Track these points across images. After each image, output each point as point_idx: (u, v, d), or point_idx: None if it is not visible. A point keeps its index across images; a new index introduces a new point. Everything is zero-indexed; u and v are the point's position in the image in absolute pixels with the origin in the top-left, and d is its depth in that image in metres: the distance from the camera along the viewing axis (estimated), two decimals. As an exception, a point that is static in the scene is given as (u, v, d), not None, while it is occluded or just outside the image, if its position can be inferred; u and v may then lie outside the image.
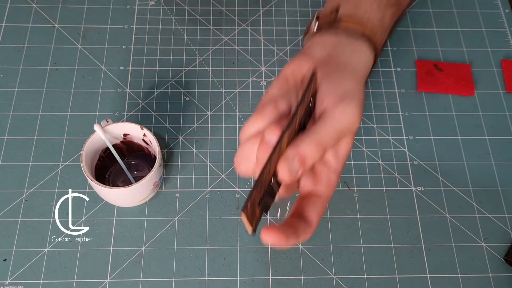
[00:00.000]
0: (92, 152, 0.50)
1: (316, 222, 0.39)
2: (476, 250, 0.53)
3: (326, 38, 0.46)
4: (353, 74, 0.42)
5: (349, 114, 0.37)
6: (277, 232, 0.34)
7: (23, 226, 0.52)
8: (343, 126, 0.37)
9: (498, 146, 0.59)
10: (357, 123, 0.38)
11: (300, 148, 0.35)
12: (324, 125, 0.37)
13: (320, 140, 0.36)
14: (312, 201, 0.39)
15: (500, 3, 0.70)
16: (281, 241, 0.34)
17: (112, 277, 0.50)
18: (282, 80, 0.42)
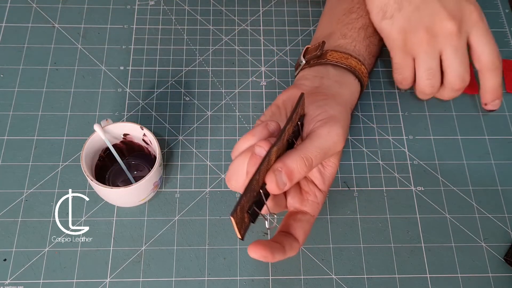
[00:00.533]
0: (92, 152, 0.50)
1: (303, 239, 0.42)
2: (476, 250, 0.53)
3: (315, 70, 0.51)
4: (339, 103, 0.46)
5: (334, 135, 0.41)
6: (264, 248, 0.36)
7: (23, 226, 0.52)
8: (328, 145, 0.40)
9: (498, 146, 0.59)
10: (341, 144, 0.42)
11: (287, 162, 0.38)
12: (311, 142, 0.40)
13: (307, 156, 0.39)
14: (299, 219, 0.42)
15: (500, 3, 0.70)
16: (267, 257, 0.37)
17: (112, 277, 0.50)
18: (274, 107, 0.47)
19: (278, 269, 0.51)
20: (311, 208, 0.43)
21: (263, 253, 0.36)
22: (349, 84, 0.50)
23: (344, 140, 0.42)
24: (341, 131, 0.42)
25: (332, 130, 0.41)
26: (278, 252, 0.38)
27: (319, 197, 0.44)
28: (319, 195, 0.44)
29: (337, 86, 0.49)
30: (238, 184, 0.40)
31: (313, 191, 0.44)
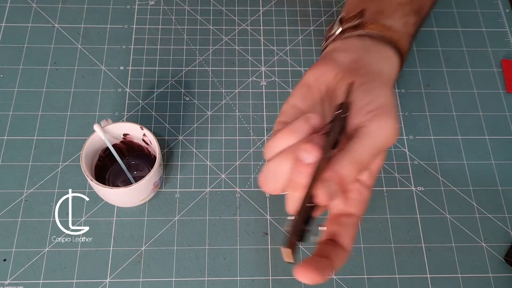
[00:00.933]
0: (92, 152, 0.50)
1: (350, 246, 0.36)
2: (476, 250, 0.53)
3: (351, 42, 0.43)
4: (385, 84, 0.39)
5: (387, 130, 0.35)
6: (314, 271, 0.32)
7: (23, 226, 0.52)
8: (381, 143, 0.35)
9: (498, 146, 0.59)
10: (395, 139, 0.36)
11: (338, 169, 0.33)
12: (361, 143, 0.34)
13: (358, 160, 0.34)
14: (344, 223, 0.37)
15: (500, 3, 0.70)
16: (318, 280, 0.32)
17: (112, 277, 0.50)
18: (304, 88, 0.39)
19: (278, 269, 0.51)
20: (356, 207, 0.38)
21: (313, 277, 0.32)
22: (389, 59, 0.42)
23: (398, 133, 0.36)
24: (395, 124, 0.35)
25: (385, 125, 0.35)
26: (327, 271, 0.34)
27: (365, 194, 0.38)
28: (365, 192, 0.38)
29: (379, 61, 0.41)
30: (277, 188, 0.35)
31: (358, 189, 0.38)
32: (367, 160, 0.34)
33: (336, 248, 0.36)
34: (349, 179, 0.33)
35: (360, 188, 0.38)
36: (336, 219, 0.37)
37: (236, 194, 0.55)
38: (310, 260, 0.33)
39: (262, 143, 0.58)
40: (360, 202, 0.38)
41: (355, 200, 0.38)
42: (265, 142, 0.58)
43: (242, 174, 0.56)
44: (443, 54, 0.65)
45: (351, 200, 0.38)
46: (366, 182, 0.38)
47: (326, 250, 0.35)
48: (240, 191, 0.55)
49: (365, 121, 0.35)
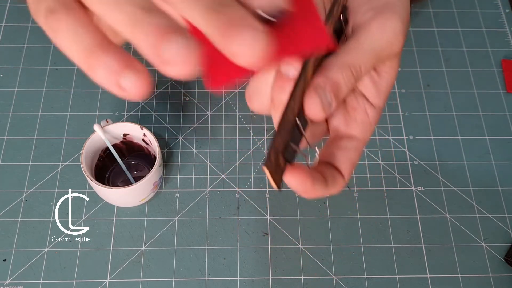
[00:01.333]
0: (92, 152, 0.50)
1: (349, 172, 0.31)
2: (476, 250, 0.53)
3: None
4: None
5: (389, 31, 0.29)
6: (305, 175, 0.27)
7: (23, 226, 0.52)
8: (381, 45, 0.29)
9: (498, 146, 0.59)
10: (400, 43, 0.30)
11: (330, 74, 0.27)
12: (357, 43, 0.29)
13: (353, 63, 0.28)
14: (344, 147, 0.31)
15: (500, 3, 0.70)
16: (306, 185, 0.27)
17: (112, 277, 0.50)
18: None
19: (278, 269, 0.51)
20: (361, 130, 0.32)
21: (303, 179, 0.27)
22: None
23: (404, 38, 0.30)
24: (399, 25, 0.30)
25: (386, 24, 0.29)
26: (319, 184, 0.29)
27: (372, 115, 0.32)
28: (372, 112, 0.32)
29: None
30: (262, 106, 0.30)
31: (363, 107, 0.32)
32: (365, 64, 0.29)
33: (332, 171, 0.30)
34: (344, 86, 0.28)
35: (366, 107, 0.32)
36: (336, 142, 0.32)
37: (236, 194, 0.55)
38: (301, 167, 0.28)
39: (262, 143, 0.58)
40: (365, 123, 0.32)
41: (359, 121, 0.32)
42: (265, 142, 0.58)
43: (242, 174, 0.56)
44: (443, 54, 0.65)
45: (355, 121, 0.32)
46: (373, 100, 0.32)
47: (320, 169, 0.30)
48: (240, 191, 0.55)
49: (364, 20, 0.30)
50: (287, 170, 0.27)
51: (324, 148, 0.32)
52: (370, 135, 0.32)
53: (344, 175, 0.31)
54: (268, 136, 0.58)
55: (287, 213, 0.54)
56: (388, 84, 0.32)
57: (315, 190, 0.28)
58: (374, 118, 0.32)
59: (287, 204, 0.54)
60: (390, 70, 0.32)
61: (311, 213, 0.54)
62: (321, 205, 0.54)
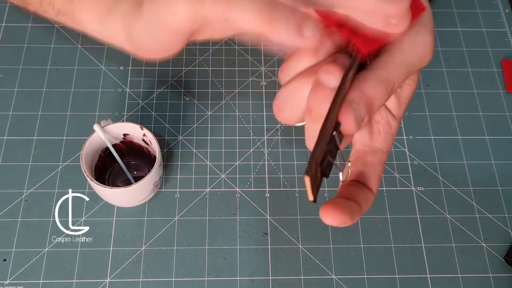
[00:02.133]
0: (92, 152, 0.50)
1: (377, 186, 0.32)
2: (476, 250, 0.53)
3: None
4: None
5: (421, 45, 0.29)
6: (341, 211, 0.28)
7: (23, 226, 0.52)
8: (413, 60, 0.29)
9: (498, 146, 0.59)
10: (430, 56, 0.30)
11: (365, 89, 0.27)
12: (391, 59, 0.29)
13: (388, 78, 0.28)
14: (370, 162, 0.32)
15: (500, 3, 0.70)
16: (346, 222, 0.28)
17: (112, 277, 0.50)
18: None
19: (278, 269, 0.51)
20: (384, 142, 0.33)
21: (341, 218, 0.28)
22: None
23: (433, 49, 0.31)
24: (429, 38, 0.30)
25: (419, 40, 0.30)
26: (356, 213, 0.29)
27: (393, 126, 0.33)
28: (393, 123, 0.33)
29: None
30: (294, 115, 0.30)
31: (386, 119, 0.33)
32: (398, 79, 0.29)
33: (362, 190, 0.31)
34: (378, 101, 0.28)
35: (388, 119, 0.33)
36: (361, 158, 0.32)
37: (236, 194, 0.55)
38: (334, 200, 0.29)
39: (262, 143, 0.58)
40: (388, 135, 0.33)
41: (382, 133, 0.33)
42: (265, 142, 0.58)
43: (242, 174, 0.56)
44: (443, 54, 0.65)
45: (379, 134, 0.33)
46: (395, 111, 0.33)
47: (351, 192, 0.30)
48: (240, 191, 0.55)
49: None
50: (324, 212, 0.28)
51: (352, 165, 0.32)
52: (391, 146, 0.33)
53: (373, 191, 0.31)
54: (268, 136, 0.58)
55: (287, 213, 0.54)
56: (409, 96, 0.33)
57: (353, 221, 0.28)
58: (395, 128, 0.33)
59: (287, 204, 0.54)
60: (411, 82, 0.32)
61: (311, 213, 0.54)
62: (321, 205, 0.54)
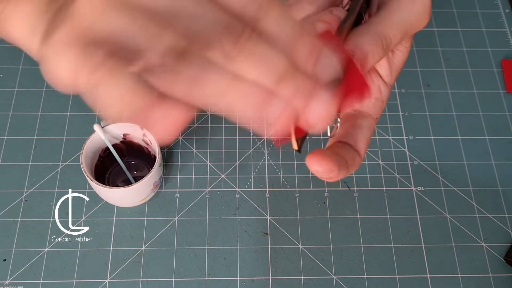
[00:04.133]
0: (92, 152, 0.50)
1: (364, 150, 0.32)
2: (476, 250, 0.53)
3: None
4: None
5: (419, 6, 0.30)
6: (330, 160, 0.27)
7: (23, 226, 0.52)
8: (411, 20, 0.29)
9: (498, 146, 0.59)
10: (427, 19, 0.30)
11: (360, 42, 0.27)
12: (388, 16, 0.29)
13: (385, 34, 0.28)
14: (359, 125, 0.32)
15: (500, 3, 0.70)
16: (333, 171, 0.28)
17: (112, 277, 0.50)
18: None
19: (278, 269, 0.51)
20: (373, 107, 0.33)
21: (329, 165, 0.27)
22: None
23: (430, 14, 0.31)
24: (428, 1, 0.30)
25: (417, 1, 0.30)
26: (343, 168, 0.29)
27: (384, 92, 0.33)
28: (384, 89, 0.33)
29: None
30: None
31: (377, 85, 0.33)
32: (394, 37, 0.29)
33: (349, 150, 0.31)
34: (372, 57, 0.28)
35: (379, 84, 0.33)
36: (350, 120, 0.32)
37: (236, 194, 0.55)
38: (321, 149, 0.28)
39: (262, 143, 0.58)
40: (378, 101, 0.33)
41: (372, 99, 0.33)
42: (265, 142, 0.58)
43: (242, 174, 0.56)
44: (443, 54, 0.65)
45: (369, 99, 0.33)
46: (386, 78, 0.33)
47: (338, 149, 0.30)
48: (240, 191, 0.55)
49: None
50: (311, 158, 0.27)
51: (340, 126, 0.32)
52: (381, 112, 0.33)
53: (360, 153, 0.31)
54: (268, 136, 0.58)
55: (287, 213, 0.54)
56: (401, 63, 0.33)
57: (339, 175, 0.28)
58: (386, 95, 0.33)
59: (287, 204, 0.54)
60: (404, 49, 0.32)
61: (311, 213, 0.54)
62: (321, 205, 0.54)
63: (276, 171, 0.56)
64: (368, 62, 0.28)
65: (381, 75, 0.33)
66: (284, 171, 0.56)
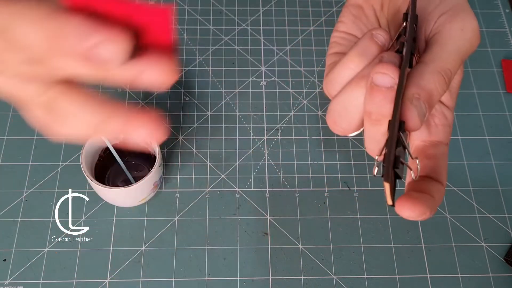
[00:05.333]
0: (91, 152, 0.50)
1: (446, 178, 0.31)
2: (476, 250, 0.53)
3: None
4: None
5: (469, 30, 0.29)
6: (420, 203, 0.27)
7: (23, 226, 0.52)
8: (465, 45, 0.29)
9: (498, 146, 0.59)
10: (479, 40, 0.30)
11: (423, 82, 0.27)
12: (442, 48, 0.28)
13: (444, 68, 0.28)
14: (433, 155, 0.31)
15: (500, 3, 0.70)
16: (425, 214, 0.27)
17: (112, 277, 0.50)
18: (354, 9, 0.33)
19: (278, 270, 0.51)
20: (442, 134, 0.32)
21: (421, 209, 0.27)
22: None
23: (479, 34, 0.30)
24: (475, 22, 0.30)
25: (466, 25, 0.29)
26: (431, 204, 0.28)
27: (449, 117, 0.32)
28: (448, 114, 0.32)
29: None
30: (352, 125, 0.29)
31: (441, 111, 0.32)
32: (453, 68, 0.28)
33: (431, 183, 0.30)
34: (437, 94, 0.27)
35: (443, 110, 0.32)
36: (424, 152, 0.32)
37: (236, 194, 0.55)
38: (407, 193, 0.28)
39: (262, 143, 0.58)
40: (445, 127, 0.32)
41: (439, 126, 0.32)
42: (265, 142, 0.58)
43: (242, 174, 0.56)
44: (443, 54, 0.65)
45: (436, 126, 0.32)
46: (448, 103, 0.33)
47: (421, 186, 0.30)
48: (240, 191, 0.55)
49: (440, 25, 0.30)
50: (402, 203, 0.27)
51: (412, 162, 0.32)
52: (450, 137, 0.33)
53: (443, 183, 0.31)
54: (268, 136, 0.58)
55: (287, 213, 0.54)
56: (458, 85, 0.33)
57: (431, 214, 0.28)
58: (451, 119, 0.33)
59: (287, 204, 0.54)
60: (459, 71, 0.32)
61: (311, 213, 0.54)
62: (321, 205, 0.54)
63: (276, 171, 0.56)
64: (434, 100, 0.27)
65: (443, 101, 0.33)
66: (284, 171, 0.56)
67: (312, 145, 0.58)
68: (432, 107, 0.28)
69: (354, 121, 0.29)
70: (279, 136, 0.58)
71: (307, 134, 0.59)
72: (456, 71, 0.29)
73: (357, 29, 0.33)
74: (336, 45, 0.33)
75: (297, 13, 0.68)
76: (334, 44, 0.33)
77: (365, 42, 0.28)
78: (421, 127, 0.30)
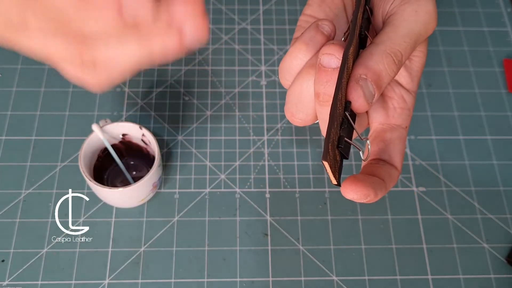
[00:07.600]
0: (90, 152, 0.50)
1: (400, 161, 0.31)
2: (478, 251, 0.52)
3: None
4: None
5: (423, 14, 0.29)
6: (364, 185, 0.27)
7: (22, 227, 0.51)
8: (418, 29, 0.29)
9: (500, 147, 0.59)
10: (435, 23, 0.30)
11: (370, 64, 0.27)
12: (394, 30, 0.28)
13: (394, 50, 0.28)
14: (390, 138, 0.31)
15: (502, 2, 0.70)
16: (370, 196, 0.27)
17: (111, 278, 0.49)
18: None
19: (278, 271, 0.50)
20: (401, 117, 0.32)
21: (364, 191, 0.27)
22: None
23: (436, 16, 0.30)
24: (431, 5, 0.30)
25: (420, 8, 0.29)
26: (380, 188, 0.28)
27: (408, 100, 0.32)
28: (408, 97, 0.32)
29: None
30: (309, 114, 0.29)
31: (400, 94, 0.32)
32: (405, 50, 0.28)
33: (384, 166, 0.30)
34: (386, 75, 0.27)
35: (402, 93, 0.32)
36: (380, 135, 0.32)
37: (236, 194, 0.54)
38: (355, 175, 0.28)
39: (262, 143, 0.58)
40: (404, 110, 0.32)
41: (398, 109, 0.32)
42: (265, 142, 0.58)
43: (242, 174, 0.56)
44: (444, 54, 0.65)
45: (394, 110, 0.32)
46: (407, 85, 0.33)
47: (373, 169, 0.30)
48: (240, 191, 0.55)
49: (396, 7, 0.29)
50: (346, 186, 0.27)
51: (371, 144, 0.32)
52: (410, 121, 0.33)
53: (397, 166, 0.31)
54: (268, 136, 0.58)
55: (287, 214, 0.53)
56: (420, 68, 0.33)
57: (377, 196, 0.28)
58: (411, 103, 0.33)
59: (287, 205, 0.54)
60: (420, 54, 0.32)
61: (312, 213, 0.54)
62: (321, 206, 0.54)
63: (276, 172, 0.56)
64: (383, 81, 0.27)
65: (402, 84, 0.33)
66: (284, 172, 0.56)
67: (312, 145, 0.58)
68: (382, 89, 0.27)
69: (310, 110, 0.29)
70: (279, 136, 0.58)
71: (308, 134, 0.58)
72: (408, 53, 0.29)
73: (322, 12, 0.32)
74: (301, 28, 0.32)
75: (298, 12, 0.68)
76: (299, 28, 0.32)
77: (311, 32, 0.28)
78: (379, 110, 0.32)
